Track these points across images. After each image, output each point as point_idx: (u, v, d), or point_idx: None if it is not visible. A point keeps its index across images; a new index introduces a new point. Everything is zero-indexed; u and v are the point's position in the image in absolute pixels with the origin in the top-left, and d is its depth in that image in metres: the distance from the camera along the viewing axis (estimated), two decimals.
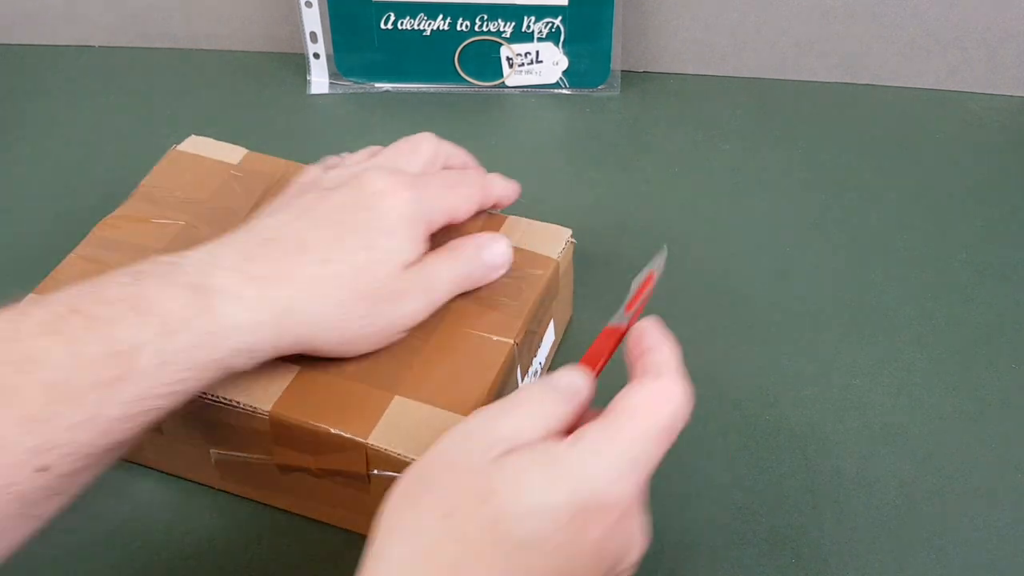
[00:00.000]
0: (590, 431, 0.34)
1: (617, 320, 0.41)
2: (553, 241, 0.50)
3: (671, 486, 0.48)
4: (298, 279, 0.40)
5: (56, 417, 0.33)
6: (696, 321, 0.57)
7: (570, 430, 0.35)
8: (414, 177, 0.44)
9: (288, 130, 0.71)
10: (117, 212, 0.52)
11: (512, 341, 0.45)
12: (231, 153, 0.55)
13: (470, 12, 0.69)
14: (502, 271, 0.47)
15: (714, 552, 0.46)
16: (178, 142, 0.57)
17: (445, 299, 0.45)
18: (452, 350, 0.44)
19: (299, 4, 0.70)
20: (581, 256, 0.61)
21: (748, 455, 0.50)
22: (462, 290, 0.46)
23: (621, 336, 0.40)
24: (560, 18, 0.69)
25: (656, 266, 0.44)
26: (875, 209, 0.64)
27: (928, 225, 0.63)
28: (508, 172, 0.67)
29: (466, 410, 0.42)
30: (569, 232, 0.51)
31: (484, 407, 0.36)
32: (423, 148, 0.47)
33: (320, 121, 0.72)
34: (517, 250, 0.48)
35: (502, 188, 0.50)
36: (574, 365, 0.39)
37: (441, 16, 0.69)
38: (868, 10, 0.69)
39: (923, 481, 0.49)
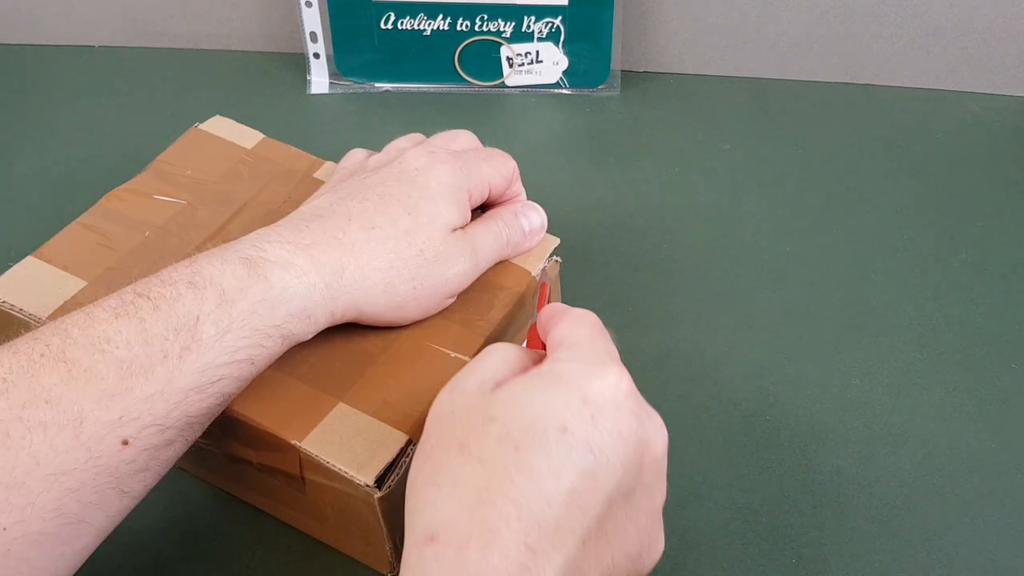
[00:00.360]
0: (552, 354, 0.36)
1: (534, 320, 0.44)
2: (536, 253, 0.50)
3: (671, 486, 0.48)
4: (346, 244, 0.42)
5: (130, 391, 0.36)
6: (696, 321, 0.57)
7: None
8: (452, 152, 0.46)
9: (288, 130, 0.71)
10: (126, 185, 0.52)
11: (468, 359, 0.44)
12: (248, 137, 0.56)
13: (470, 12, 0.69)
14: (539, 236, 0.49)
15: (714, 552, 0.46)
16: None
17: (489, 263, 0.46)
18: (408, 362, 0.44)
19: (299, 4, 0.70)
20: (581, 256, 0.61)
21: (748, 455, 0.50)
22: (504, 256, 0.47)
23: None
24: (560, 18, 0.69)
25: (544, 278, 0.48)
26: (875, 209, 0.64)
27: (928, 225, 0.63)
28: None
29: (407, 427, 0.41)
30: (556, 242, 0.50)
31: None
32: (461, 137, 0.49)
33: (320, 121, 0.72)
34: (500, 262, 0.48)
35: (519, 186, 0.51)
36: None
37: (441, 16, 0.69)
38: (868, 10, 0.69)
39: (923, 481, 0.49)
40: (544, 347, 0.40)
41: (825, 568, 0.46)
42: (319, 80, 0.73)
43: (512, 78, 0.72)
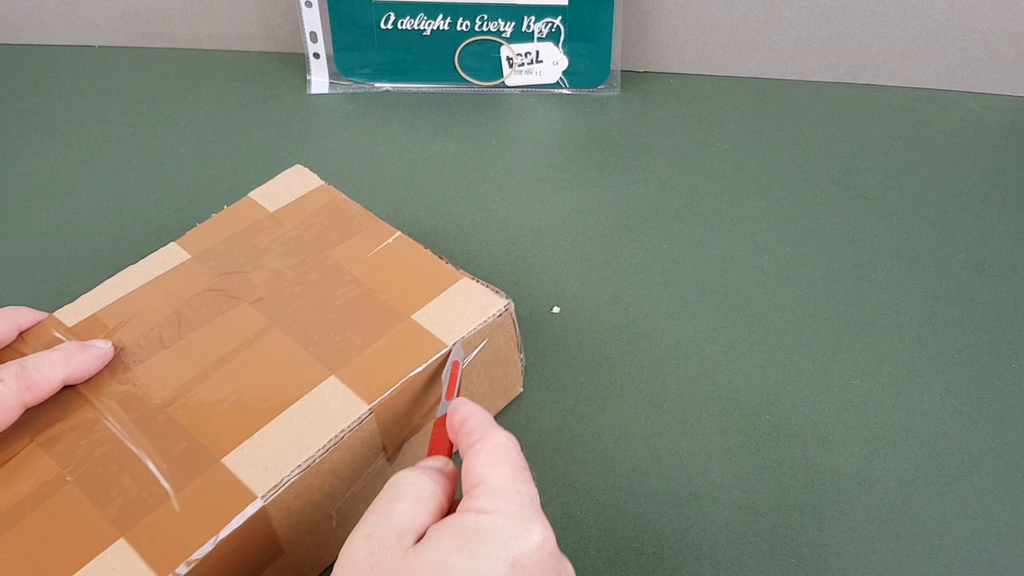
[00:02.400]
0: (474, 499, 0.35)
1: (442, 411, 0.42)
2: (458, 318, 0.46)
3: (671, 486, 0.49)
4: None
5: None
6: (696, 321, 0.57)
7: (451, 508, 0.36)
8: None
9: (288, 130, 0.71)
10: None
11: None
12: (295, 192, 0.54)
13: (470, 12, 0.69)
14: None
15: (714, 552, 0.46)
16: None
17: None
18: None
19: (299, 4, 0.70)
20: (581, 256, 0.61)
21: (748, 455, 0.50)
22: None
23: None
24: (560, 18, 0.69)
25: (457, 356, 0.45)
26: (875, 209, 0.64)
27: (928, 225, 0.63)
28: (508, 172, 0.67)
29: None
30: (498, 307, 0.46)
31: (371, 508, 0.35)
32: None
33: (320, 121, 0.72)
34: (421, 330, 0.46)
35: (64, 368, 0.44)
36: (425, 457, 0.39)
37: (441, 16, 0.69)
38: (868, 10, 0.69)
39: (923, 481, 0.49)
40: (450, 447, 0.39)
41: (825, 568, 0.46)
42: (319, 80, 0.73)
43: (512, 78, 0.72)
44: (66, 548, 0.37)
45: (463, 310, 0.46)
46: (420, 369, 0.44)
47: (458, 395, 0.43)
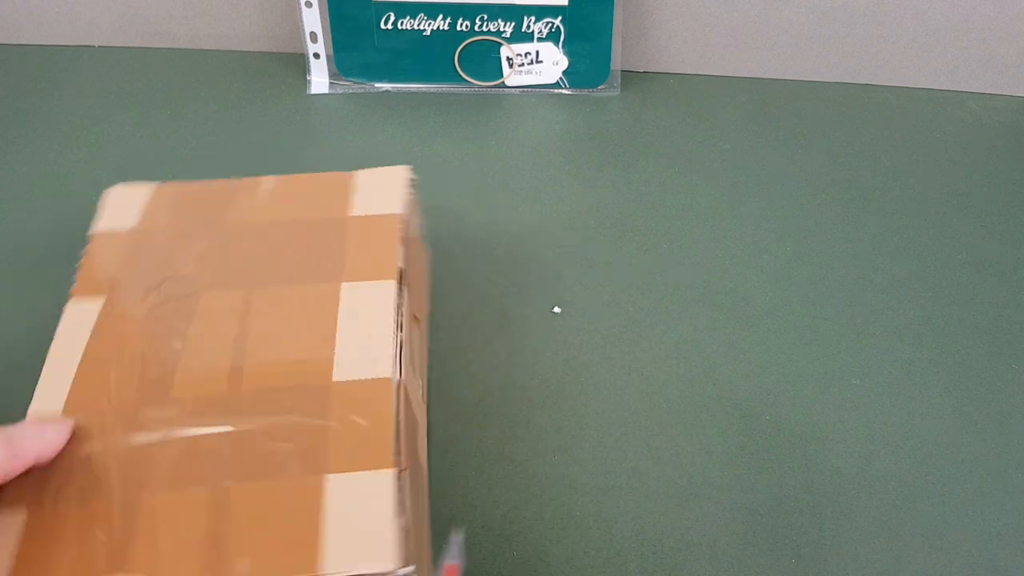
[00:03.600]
0: None
1: None
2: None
3: (671, 486, 0.48)
4: None
5: None
6: (696, 321, 0.57)
7: None
8: None
9: (288, 130, 0.71)
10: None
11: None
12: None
13: (470, 12, 0.69)
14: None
15: (714, 552, 0.46)
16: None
17: None
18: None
19: (299, 4, 0.70)
20: (581, 256, 0.61)
21: (748, 455, 0.50)
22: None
23: None
24: (560, 18, 0.69)
25: (454, 559, 0.44)
26: (875, 209, 0.64)
27: (928, 225, 0.63)
28: (508, 172, 0.67)
29: None
30: (404, 173, 0.50)
31: None
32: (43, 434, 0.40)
33: (320, 121, 0.72)
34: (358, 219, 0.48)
35: (38, 447, 0.41)
36: None
37: (441, 16, 0.69)
38: (868, 10, 0.69)
39: (923, 481, 0.49)
40: None
41: (825, 568, 0.46)
42: (319, 80, 0.73)
43: (512, 78, 0.72)
44: (291, 517, 0.37)
45: (381, 192, 0.49)
46: (400, 236, 0.46)
47: None
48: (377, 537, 0.36)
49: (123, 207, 0.52)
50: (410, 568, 0.36)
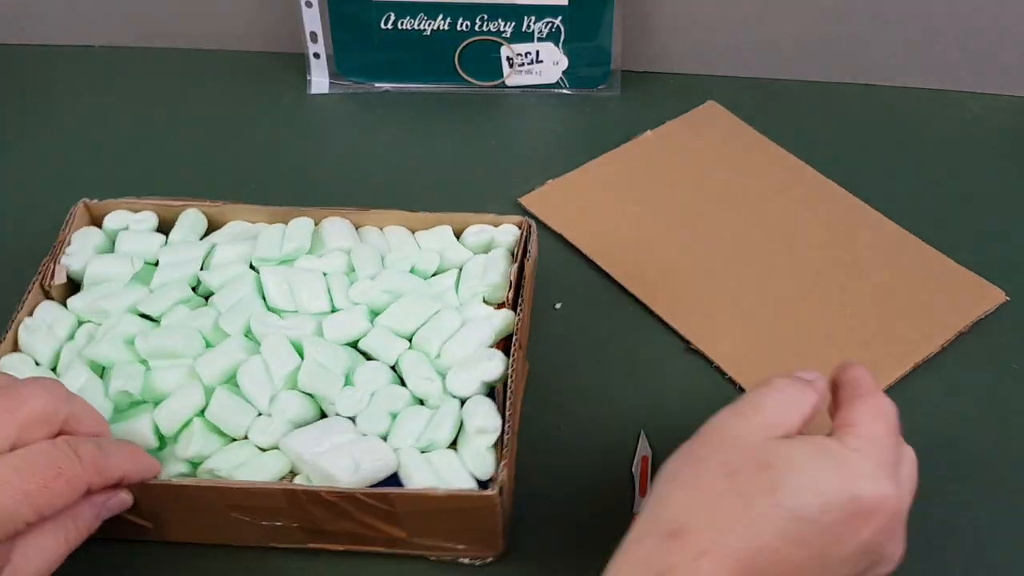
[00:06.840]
0: (842, 436, 0.38)
1: (637, 507, 0.45)
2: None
3: None
4: None
5: None
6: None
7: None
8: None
9: (288, 130, 0.71)
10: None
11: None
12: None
13: (470, 12, 0.69)
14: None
15: None
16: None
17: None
18: None
19: (299, 4, 0.70)
20: (582, 256, 0.61)
21: None
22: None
23: None
24: (560, 18, 0.69)
25: (645, 451, 0.49)
26: (875, 208, 0.64)
27: (928, 225, 0.63)
28: (508, 172, 0.67)
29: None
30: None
31: (743, 397, 0.40)
32: (27, 406, 0.37)
33: (320, 121, 0.72)
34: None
35: (129, 464, 0.40)
36: None
37: (441, 16, 0.69)
38: (868, 10, 0.69)
39: (923, 481, 0.49)
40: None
41: None
42: (319, 80, 0.73)
43: (512, 78, 0.72)
44: None
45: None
46: None
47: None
48: None
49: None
50: None
